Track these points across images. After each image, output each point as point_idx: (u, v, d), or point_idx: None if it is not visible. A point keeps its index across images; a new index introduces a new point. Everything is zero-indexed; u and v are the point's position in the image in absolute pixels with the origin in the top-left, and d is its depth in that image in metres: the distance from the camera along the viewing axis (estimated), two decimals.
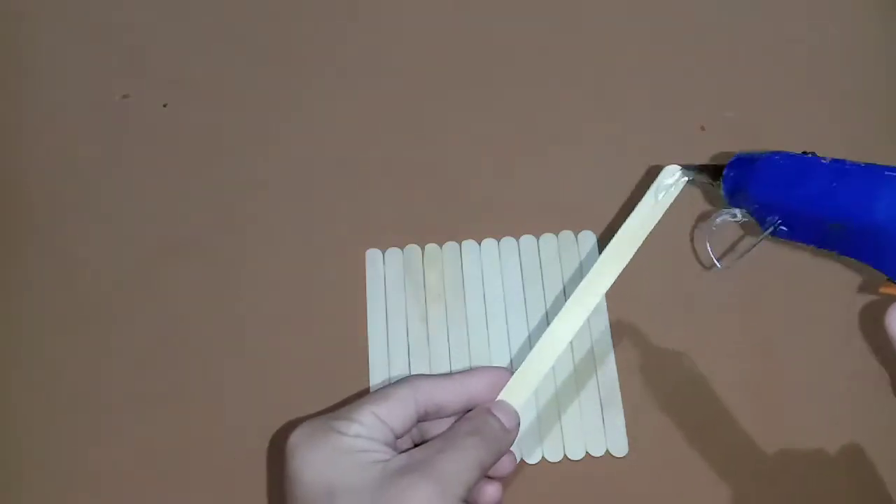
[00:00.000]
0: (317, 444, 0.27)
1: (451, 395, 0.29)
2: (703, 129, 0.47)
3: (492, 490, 0.30)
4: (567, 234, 0.43)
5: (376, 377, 0.40)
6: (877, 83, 0.49)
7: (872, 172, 0.27)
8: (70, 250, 0.44)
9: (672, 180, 0.33)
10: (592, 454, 0.38)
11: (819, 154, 0.30)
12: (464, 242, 0.43)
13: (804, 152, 0.30)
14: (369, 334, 0.41)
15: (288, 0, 0.52)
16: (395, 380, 0.39)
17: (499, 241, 0.43)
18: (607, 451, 0.38)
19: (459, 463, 0.27)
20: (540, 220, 0.44)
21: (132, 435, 0.39)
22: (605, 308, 0.41)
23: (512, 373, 0.30)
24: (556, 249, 0.43)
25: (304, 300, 0.42)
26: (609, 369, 0.39)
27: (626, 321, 0.41)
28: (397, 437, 0.28)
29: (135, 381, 0.41)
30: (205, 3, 0.52)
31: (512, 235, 0.43)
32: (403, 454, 0.27)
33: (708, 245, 0.35)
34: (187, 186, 0.46)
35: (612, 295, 0.41)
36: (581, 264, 0.42)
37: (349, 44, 0.50)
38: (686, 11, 0.51)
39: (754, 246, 0.30)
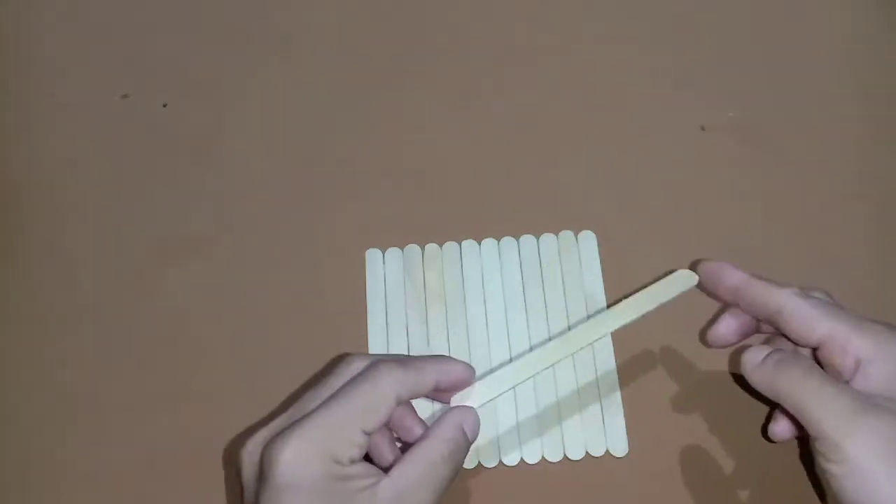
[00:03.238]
0: (311, 474, 0.27)
1: (422, 390, 0.31)
2: (703, 129, 0.47)
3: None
4: (567, 234, 0.43)
5: None
6: (877, 82, 0.49)
7: None
8: (70, 250, 0.44)
9: (682, 285, 0.35)
10: (592, 454, 0.38)
11: None
12: (464, 242, 0.43)
13: None
14: (369, 334, 0.41)
15: (288, 0, 0.52)
16: None
17: (499, 240, 0.43)
18: (607, 451, 0.38)
19: (432, 490, 0.29)
20: (540, 220, 0.44)
21: (132, 435, 0.39)
22: (606, 307, 0.41)
23: (472, 368, 0.33)
24: (556, 249, 0.43)
25: (304, 300, 0.42)
26: (609, 369, 0.39)
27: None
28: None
29: (135, 381, 0.41)
30: (205, 3, 0.52)
31: (512, 235, 0.43)
32: (387, 481, 0.28)
33: None
34: (187, 186, 0.46)
35: (613, 295, 0.41)
36: (581, 264, 0.42)
37: (350, 44, 0.50)
38: (686, 11, 0.51)
39: None
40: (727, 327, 0.35)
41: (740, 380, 0.34)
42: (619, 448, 0.38)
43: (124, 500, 0.38)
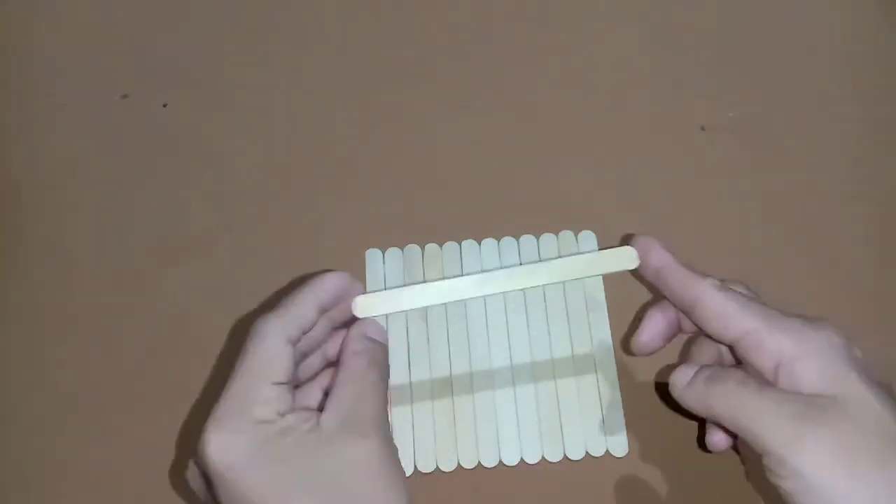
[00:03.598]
0: (245, 448, 0.27)
1: (313, 316, 0.31)
2: (703, 129, 0.47)
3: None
4: (567, 234, 0.43)
5: None
6: (877, 82, 0.49)
7: None
8: (69, 250, 0.44)
9: (622, 264, 0.34)
10: (592, 454, 0.38)
11: None
12: (464, 242, 0.43)
13: None
14: None
15: (288, 0, 0.52)
16: (395, 382, 0.39)
17: (499, 240, 0.43)
18: (607, 451, 0.38)
19: (373, 400, 0.30)
20: (540, 220, 0.44)
21: (132, 435, 0.39)
22: (606, 307, 0.41)
23: (345, 274, 0.33)
24: (556, 249, 0.43)
25: None
26: (609, 369, 0.39)
27: (626, 321, 0.41)
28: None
29: (135, 381, 0.41)
30: (205, 3, 0.52)
31: (512, 235, 0.43)
32: (326, 414, 0.28)
33: None
34: (187, 186, 0.46)
35: (613, 294, 0.41)
36: None
37: (350, 43, 0.50)
38: (686, 11, 0.51)
39: None
40: (651, 331, 0.33)
41: (669, 399, 0.33)
42: (619, 448, 0.38)
43: (124, 500, 0.38)
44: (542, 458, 0.38)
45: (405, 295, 0.34)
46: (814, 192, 0.45)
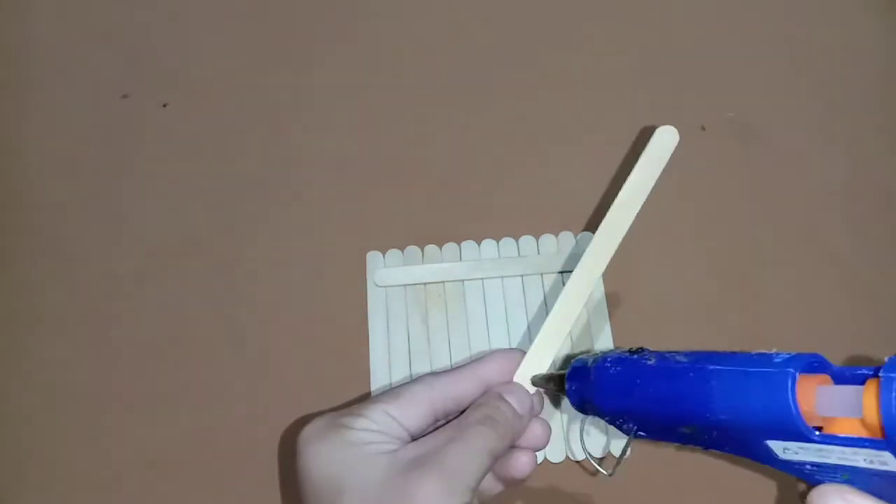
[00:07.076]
0: (325, 438, 0.27)
1: (467, 387, 0.30)
2: (703, 129, 0.47)
3: (525, 459, 0.30)
4: (567, 235, 0.43)
5: (377, 378, 0.40)
6: (876, 82, 0.49)
7: (698, 370, 0.26)
8: (70, 250, 0.44)
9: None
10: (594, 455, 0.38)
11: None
12: (463, 243, 0.43)
13: (633, 350, 0.29)
14: (370, 334, 0.41)
15: (288, 0, 0.52)
16: (397, 381, 0.39)
17: (498, 241, 0.43)
18: (609, 452, 0.38)
19: (468, 454, 0.27)
20: (540, 220, 0.44)
21: (133, 435, 0.39)
22: (606, 308, 0.41)
23: (524, 352, 0.31)
24: (556, 250, 0.43)
25: (306, 302, 0.42)
26: None
27: (626, 322, 0.41)
28: (413, 438, 0.28)
29: (135, 381, 0.41)
30: (205, 2, 0.52)
31: (511, 236, 0.43)
32: (412, 444, 0.27)
33: (588, 454, 0.36)
34: (187, 186, 0.46)
35: (613, 294, 0.41)
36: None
37: (349, 44, 0.50)
38: (686, 11, 0.51)
39: (625, 451, 0.30)
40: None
41: None
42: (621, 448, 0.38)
43: (124, 500, 0.38)
44: (545, 458, 0.38)
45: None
46: (814, 192, 0.45)
